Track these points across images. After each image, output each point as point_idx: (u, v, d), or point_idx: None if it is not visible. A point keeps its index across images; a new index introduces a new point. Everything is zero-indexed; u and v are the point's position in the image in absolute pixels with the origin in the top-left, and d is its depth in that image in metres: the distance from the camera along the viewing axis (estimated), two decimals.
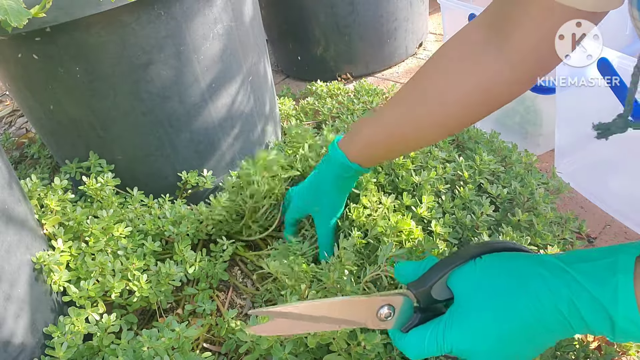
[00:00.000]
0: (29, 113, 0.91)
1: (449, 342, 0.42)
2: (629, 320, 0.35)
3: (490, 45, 0.51)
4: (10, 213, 0.62)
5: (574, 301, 0.37)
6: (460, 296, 0.43)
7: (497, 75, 0.51)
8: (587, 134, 0.95)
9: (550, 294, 0.38)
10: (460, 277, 0.43)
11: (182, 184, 0.92)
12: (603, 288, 0.36)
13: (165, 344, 0.58)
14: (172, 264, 0.73)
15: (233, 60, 0.89)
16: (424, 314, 0.45)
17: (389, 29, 1.55)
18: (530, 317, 0.39)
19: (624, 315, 0.35)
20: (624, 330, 0.36)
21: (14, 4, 0.51)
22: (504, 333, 0.40)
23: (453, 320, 0.42)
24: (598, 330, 0.38)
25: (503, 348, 0.40)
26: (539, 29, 0.47)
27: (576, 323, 0.38)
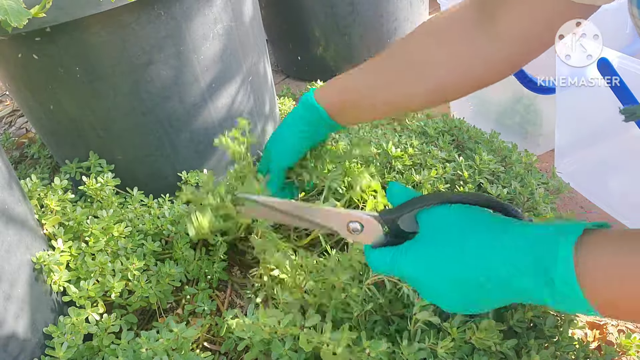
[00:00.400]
0: (29, 113, 0.91)
1: (399, 266, 0.45)
2: (567, 283, 0.35)
3: (480, 25, 0.52)
4: (10, 213, 0.62)
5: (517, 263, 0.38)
6: (422, 231, 0.46)
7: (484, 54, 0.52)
8: (587, 133, 0.96)
9: (495, 251, 0.40)
10: (428, 215, 0.46)
11: (182, 184, 0.92)
12: (545, 249, 0.37)
13: (164, 345, 0.58)
14: (172, 264, 0.73)
15: (233, 60, 0.89)
16: (394, 239, 0.48)
17: (389, 29, 1.55)
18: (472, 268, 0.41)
19: (562, 277, 0.35)
20: (562, 293, 0.36)
21: (14, 4, 0.51)
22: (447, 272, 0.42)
23: (409, 249, 0.45)
24: (538, 292, 0.38)
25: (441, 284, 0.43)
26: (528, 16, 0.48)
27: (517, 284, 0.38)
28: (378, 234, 0.48)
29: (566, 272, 0.35)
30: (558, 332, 0.60)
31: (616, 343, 0.61)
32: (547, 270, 0.36)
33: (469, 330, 0.54)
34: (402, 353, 0.54)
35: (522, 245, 0.39)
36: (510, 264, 0.39)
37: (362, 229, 0.49)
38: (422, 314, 0.53)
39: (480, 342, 0.54)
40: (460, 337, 0.54)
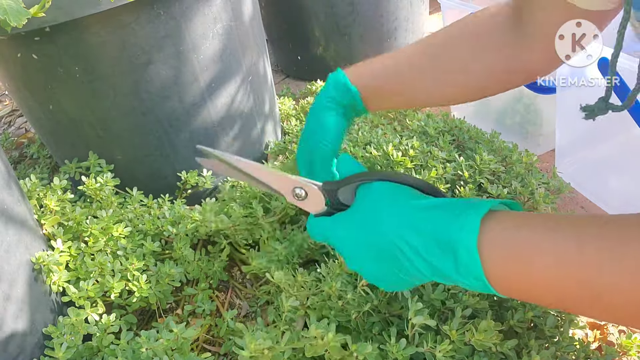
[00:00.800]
0: (28, 113, 0.91)
1: (328, 234, 0.48)
2: (469, 253, 0.36)
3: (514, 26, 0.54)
4: (9, 213, 0.62)
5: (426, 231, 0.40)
6: (354, 203, 0.48)
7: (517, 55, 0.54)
8: (587, 133, 0.95)
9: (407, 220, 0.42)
10: (363, 189, 0.48)
11: (181, 184, 0.92)
12: (452, 220, 0.38)
13: (163, 345, 0.58)
14: (171, 264, 0.72)
15: (232, 59, 0.89)
16: (334, 210, 0.50)
17: (389, 28, 1.55)
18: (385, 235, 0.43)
19: (465, 246, 0.36)
20: (465, 265, 0.37)
21: (14, 3, 0.51)
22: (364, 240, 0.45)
23: (337, 218, 0.48)
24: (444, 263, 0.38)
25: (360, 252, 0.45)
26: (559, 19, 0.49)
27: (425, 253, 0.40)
28: (320, 203, 0.50)
29: (469, 242, 0.36)
30: (558, 332, 0.60)
31: (617, 343, 0.61)
32: (452, 239, 0.37)
33: (468, 332, 0.54)
34: (392, 352, 0.54)
35: (433, 215, 0.40)
36: (419, 232, 0.40)
37: (305, 196, 0.51)
38: (417, 319, 0.52)
39: (480, 344, 0.54)
40: (460, 339, 0.54)
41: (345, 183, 0.49)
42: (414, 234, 0.41)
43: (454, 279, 0.39)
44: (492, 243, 0.36)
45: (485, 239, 0.36)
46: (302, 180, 0.50)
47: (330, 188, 0.50)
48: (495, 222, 0.37)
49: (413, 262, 0.41)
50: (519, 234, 0.36)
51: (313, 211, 0.51)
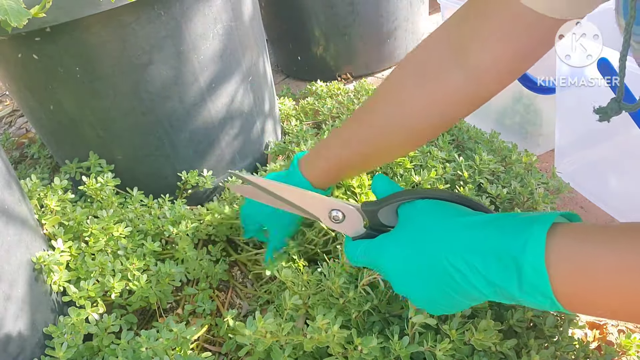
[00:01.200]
0: (29, 113, 0.91)
1: (371, 257, 0.46)
2: (535, 270, 0.35)
3: (451, 60, 0.52)
4: (10, 213, 0.62)
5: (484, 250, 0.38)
6: (398, 224, 0.47)
7: (457, 91, 0.52)
8: (587, 133, 0.95)
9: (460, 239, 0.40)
10: (405, 209, 0.47)
11: (182, 184, 0.92)
12: (514, 236, 0.37)
13: (163, 345, 0.58)
14: (172, 264, 0.73)
15: (233, 59, 0.89)
16: (374, 232, 0.49)
17: (388, 28, 1.55)
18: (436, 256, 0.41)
19: (531, 263, 0.35)
20: (531, 283, 0.36)
21: (14, 4, 0.51)
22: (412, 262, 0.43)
23: (381, 241, 0.46)
24: (505, 281, 0.37)
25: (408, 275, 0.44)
26: (498, 47, 0.48)
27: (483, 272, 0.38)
28: (358, 225, 0.49)
29: (535, 259, 0.35)
30: (558, 332, 0.60)
31: (616, 343, 0.61)
32: (516, 257, 0.36)
33: (468, 332, 0.54)
34: (394, 349, 0.54)
35: (491, 232, 0.39)
36: (478, 251, 0.39)
37: (343, 218, 0.49)
38: (417, 317, 0.52)
39: (480, 343, 0.54)
40: (459, 339, 0.54)
41: (386, 203, 0.47)
42: (472, 253, 0.39)
43: (516, 297, 0.37)
44: (559, 258, 0.35)
45: (551, 254, 0.35)
46: (338, 202, 0.49)
47: (371, 209, 0.48)
48: (560, 237, 0.35)
49: (472, 281, 0.39)
50: (583, 249, 0.34)
51: (351, 234, 0.50)
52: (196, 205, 0.90)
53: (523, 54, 0.49)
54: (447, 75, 0.52)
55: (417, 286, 0.43)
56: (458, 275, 0.40)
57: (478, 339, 0.54)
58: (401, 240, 0.45)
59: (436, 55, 0.53)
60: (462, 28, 0.51)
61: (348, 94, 1.27)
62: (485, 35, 0.48)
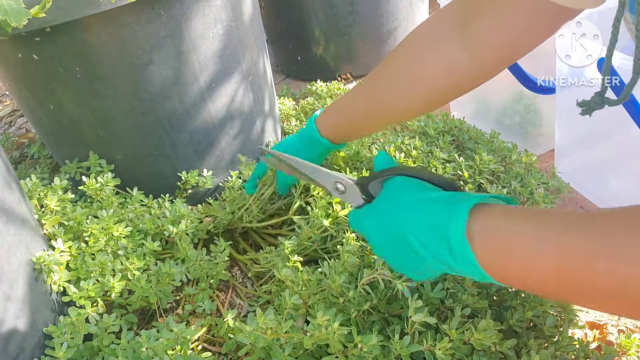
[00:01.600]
0: (29, 113, 0.91)
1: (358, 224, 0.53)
2: (459, 243, 0.39)
3: (455, 33, 0.55)
4: (10, 213, 0.62)
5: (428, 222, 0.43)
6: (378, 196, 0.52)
7: (459, 63, 0.56)
8: (587, 133, 0.95)
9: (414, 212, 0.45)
10: (386, 183, 0.52)
11: (182, 184, 0.92)
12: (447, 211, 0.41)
13: (163, 345, 0.58)
14: (172, 264, 0.73)
15: (233, 59, 0.89)
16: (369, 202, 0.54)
17: (389, 28, 1.55)
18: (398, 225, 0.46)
19: (454, 235, 0.39)
20: (458, 253, 0.40)
21: (14, 4, 0.51)
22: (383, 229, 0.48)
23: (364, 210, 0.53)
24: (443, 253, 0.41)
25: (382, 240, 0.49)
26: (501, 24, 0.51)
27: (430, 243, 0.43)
28: (358, 196, 0.55)
29: (458, 231, 0.39)
30: (558, 332, 0.60)
31: (616, 343, 0.61)
32: (445, 229, 0.40)
33: (468, 332, 0.54)
34: (395, 348, 0.54)
35: (432, 206, 0.44)
36: (420, 222, 0.43)
37: (345, 190, 0.56)
38: (417, 316, 0.53)
39: (479, 343, 0.54)
40: (459, 338, 0.54)
41: (374, 177, 0.53)
42: (416, 223, 0.44)
43: (454, 267, 0.41)
44: (480, 232, 0.39)
45: (474, 228, 0.39)
46: (340, 176, 0.56)
47: (362, 182, 0.55)
48: (484, 213, 0.40)
49: (418, 250, 0.43)
50: (503, 225, 0.38)
51: (354, 204, 0.56)
52: (196, 205, 0.90)
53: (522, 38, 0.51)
54: (452, 46, 0.56)
55: (388, 252, 0.49)
56: (412, 245, 0.44)
57: (478, 338, 0.54)
58: (375, 212, 0.51)
59: (443, 28, 0.57)
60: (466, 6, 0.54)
61: None
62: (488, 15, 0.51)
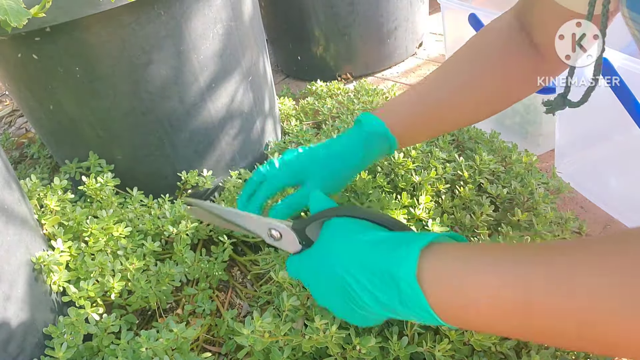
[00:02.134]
0: (29, 113, 0.91)
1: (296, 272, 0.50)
2: (410, 286, 0.36)
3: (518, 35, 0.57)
4: (10, 213, 0.62)
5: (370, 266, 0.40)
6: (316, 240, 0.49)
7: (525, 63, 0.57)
8: (587, 133, 0.95)
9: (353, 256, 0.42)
10: (324, 226, 0.49)
11: (181, 184, 0.92)
12: (394, 254, 0.38)
13: (163, 345, 0.58)
14: (172, 264, 0.73)
15: (233, 59, 0.89)
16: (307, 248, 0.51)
17: (389, 28, 1.55)
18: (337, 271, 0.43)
19: (405, 279, 0.37)
20: (409, 298, 0.37)
21: (14, 4, 0.51)
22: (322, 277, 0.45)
23: (301, 256, 0.49)
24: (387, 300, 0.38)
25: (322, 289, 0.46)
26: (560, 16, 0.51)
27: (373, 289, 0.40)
28: (295, 242, 0.51)
29: (408, 275, 0.36)
30: None
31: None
32: (393, 273, 0.37)
33: (467, 332, 0.54)
34: (393, 350, 0.54)
35: (377, 249, 0.40)
36: (364, 267, 0.40)
37: (280, 237, 0.51)
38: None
39: (479, 344, 0.54)
40: (459, 339, 0.54)
41: (311, 220, 0.49)
42: (360, 269, 0.41)
43: (402, 313, 0.39)
44: (431, 275, 0.36)
45: (425, 271, 0.36)
46: (274, 222, 0.51)
47: (299, 227, 0.50)
48: (435, 254, 0.37)
49: (361, 296, 0.41)
50: (456, 266, 0.36)
51: (291, 250, 0.51)
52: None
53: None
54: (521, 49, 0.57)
55: (329, 300, 0.45)
56: (351, 290, 0.41)
57: (477, 339, 0.54)
58: (313, 257, 0.47)
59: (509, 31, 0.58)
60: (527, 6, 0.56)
61: (348, 93, 1.27)
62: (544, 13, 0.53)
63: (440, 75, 0.63)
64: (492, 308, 0.34)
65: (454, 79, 0.62)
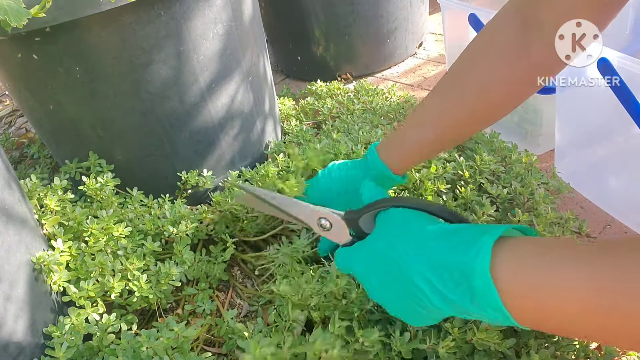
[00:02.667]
0: (29, 113, 0.91)
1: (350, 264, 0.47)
2: (484, 284, 0.34)
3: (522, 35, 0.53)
4: (10, 213, 0.62)
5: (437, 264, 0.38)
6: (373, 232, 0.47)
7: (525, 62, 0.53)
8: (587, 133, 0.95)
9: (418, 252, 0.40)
10: (381, 217, 0.47)
11: (182, 184, 0.92)
12: (464, 251, 0.36)
13: (164, 344, 0.58)
14: (172, 264, 0.73)
15: (233, 59, 0.89)
16: (358, 239, 0.49)
17: (389, 28, 1.55)
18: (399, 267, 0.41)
19: (480, 277, 0.34)
20: (482, 297, 0.35)
21: (14, 4, 0.51)
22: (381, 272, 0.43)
23: (356, 248, 0.47)
24: (457, 299, 0.36)
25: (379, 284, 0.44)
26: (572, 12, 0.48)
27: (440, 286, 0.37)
28: (345, 233, 0.50)
29: (483, 273, 0.34)
30: None
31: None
32: (466, 271, 0.35)
33: (470, 331, 0.54)
34: (396, 345, 0.54)
35: (445, 244, 0.38)
36: (432, 263, 0.38)
37: (330, 227, 0.50)
38: None
39: (481, 343, 0.54)
40: (461, 337, 0.54)
41: (366, 211, 0.48)
42: (427, 263, 0.38)
43: (471, 312, 0.37)
44: (507, 271, 0.34)
45: (500, 266, 0.34)
46: (325, 211, 0.50)
47: (352, 217, 0.49)
48: (510, 249, 0.35)
49: (428, 294, 0.38)
50: (534, 263, 0.33)
51: (340, 241, 0.50)
52: (196, 205, 0.90)
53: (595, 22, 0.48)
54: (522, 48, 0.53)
55: (386, 296, 0.43)
56: (417, 289, 0.39)
57: (479, 338, 0.54)
58: (371, 249, 0.45)
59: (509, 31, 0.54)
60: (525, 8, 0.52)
61: (348, 94, 1.27)
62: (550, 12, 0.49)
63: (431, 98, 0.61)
64: (578, 309, 0.32)
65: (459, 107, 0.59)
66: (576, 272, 0.32)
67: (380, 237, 0.45)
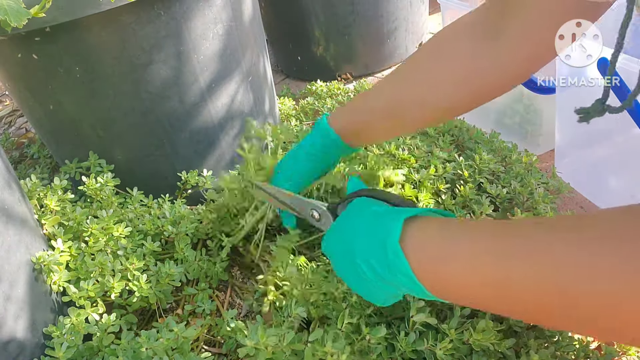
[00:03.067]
0: (29, 113, 0.91)
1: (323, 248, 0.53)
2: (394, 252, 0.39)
3: (484, 39, 0.52)
4: (10, 213, 0.62)
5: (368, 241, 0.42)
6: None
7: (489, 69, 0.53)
8: (587, 133, 0.95)
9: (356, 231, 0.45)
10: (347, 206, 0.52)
11: (181, 184, 0.92)
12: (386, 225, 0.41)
13: (164, 345, 0.58)
14: (171, 264, 0.73)
15: (233, 60, 0.89)
16: None
17: (388, 28, 1.55)
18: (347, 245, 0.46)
19: (391, 246, 0.39)
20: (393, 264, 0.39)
21: (14, 4, 0.51)
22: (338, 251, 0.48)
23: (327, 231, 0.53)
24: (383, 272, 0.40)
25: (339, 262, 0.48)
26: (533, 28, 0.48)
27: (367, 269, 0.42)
28: (330, 221, 0.56)
29: (393, 242, 0.39)
30: (558, 332, 0.60)
31: (616, 343, 0.61)
32: (384, 245, 0.40)
33: (467, 332, 0.54)
34: (400, 346, 0.54)
35: (377, 221, 0.43)
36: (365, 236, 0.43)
37: (320, 217, 0.57)
38: (419, 316, 0.53)
39: (478, 344, 0.54)
40: (459, 339, 0.54)
41: (341, 201, 0.55)
42: (364, 244, 0.43)
43: (399, 286, 0.41)
44: (414, 242, 0.39)
45: (408, 238, 0.39)
46: (315, 204, 0.58)
47: (332, 208, 0.56)
48: (420, 225, 0.40)
49: (365, 271, 0.43)
50: (437, 235, 0.38)
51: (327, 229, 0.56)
52: (196, 205, 0.90)
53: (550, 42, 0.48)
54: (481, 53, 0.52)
55: (343, 272, 0.48)
56: (355, 260, 0.44)
57: (476, 339, 0.54)
58: (331, 233, 0.51)
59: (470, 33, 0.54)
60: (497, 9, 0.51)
61: (348, 94, 1.27)
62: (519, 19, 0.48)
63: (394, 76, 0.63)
64: (469, 277, 0.35)
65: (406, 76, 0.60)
66: (467, 244, 0.35)
67: (339, 222, 0.50)
